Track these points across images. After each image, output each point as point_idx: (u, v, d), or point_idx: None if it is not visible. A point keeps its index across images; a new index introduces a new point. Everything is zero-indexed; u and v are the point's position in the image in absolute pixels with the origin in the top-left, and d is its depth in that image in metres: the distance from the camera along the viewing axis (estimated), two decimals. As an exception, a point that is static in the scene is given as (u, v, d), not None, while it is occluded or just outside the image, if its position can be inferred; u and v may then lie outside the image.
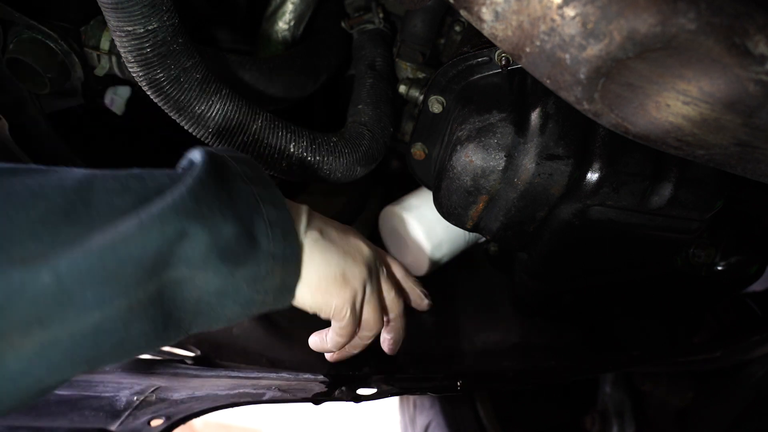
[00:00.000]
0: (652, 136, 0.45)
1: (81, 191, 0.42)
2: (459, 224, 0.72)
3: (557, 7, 0.41)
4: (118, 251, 0.40)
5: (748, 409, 1.11)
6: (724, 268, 0.80)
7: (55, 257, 0.38)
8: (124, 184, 0.45)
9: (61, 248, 0.39)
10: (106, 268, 0.40)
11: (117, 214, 0.42)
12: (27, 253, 0.38)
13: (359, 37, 0.90)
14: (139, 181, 0.46)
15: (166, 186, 0.46)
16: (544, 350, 0.94)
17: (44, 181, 0.42)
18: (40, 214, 0.39)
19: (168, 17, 0.55)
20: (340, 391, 0.75)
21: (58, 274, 0.38)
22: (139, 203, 0.43)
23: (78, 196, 0.42)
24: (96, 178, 0.44)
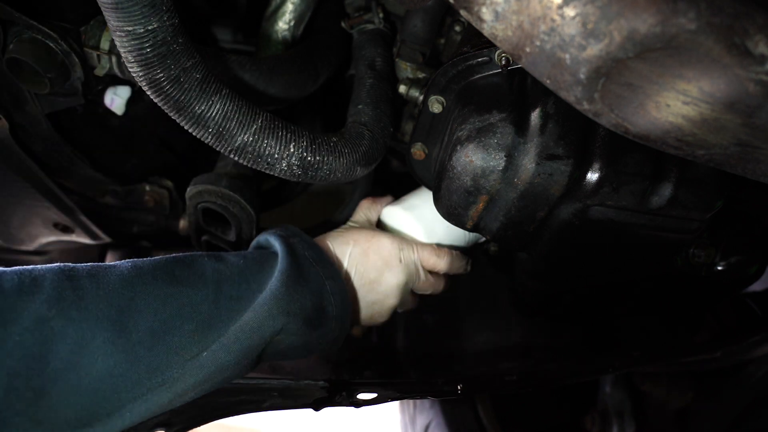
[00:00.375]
0: (652, 136, 0.45)
1: (215, 302, 0.61)
2: (459, 224, 0.72)
3: (557, 7, 0.41)
4: (245, 330, 0.62)
5: (748, 409, 1.11)
6: (724, 268, 0.80)
7: (211, 347, 0.60)
8: (239, 289, 0.63)
9: (213, 342, 0.60)
10: (241, 346, 0.62)
11: (239, 315, 0.62)
12: (192, 354, 0.58)
13: (359, 37, 0.90)
14: (248, 287, 0.64)
15: (264, 284, 0.65)
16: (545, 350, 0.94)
17: (193, 292, 0.60)
18: (195, 326, 0.59)
19: (168, 17, 0.55)
20: (341, 396, 0.75)
21: (213, 353, 0.60)
22: (249, 304, 0.63)
23: (214, 308, 0.61)
24: (221, 287, 0.62)
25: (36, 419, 0.50)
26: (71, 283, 0.54)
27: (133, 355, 0.54)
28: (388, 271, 0.78)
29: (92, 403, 0.52)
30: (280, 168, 0.66)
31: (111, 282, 0.56)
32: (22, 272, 0.53)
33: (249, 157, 0.64)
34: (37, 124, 0.79)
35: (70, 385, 0.51)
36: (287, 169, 0.66)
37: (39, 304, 0.51)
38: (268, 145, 0.64)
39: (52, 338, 0.50)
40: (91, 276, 0.55)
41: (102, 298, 0.54)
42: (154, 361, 0.56)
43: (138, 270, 0.59)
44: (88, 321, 0.52)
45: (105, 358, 0.53)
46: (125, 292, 0.56)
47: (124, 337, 0.54)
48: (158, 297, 0.58)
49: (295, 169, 0.67)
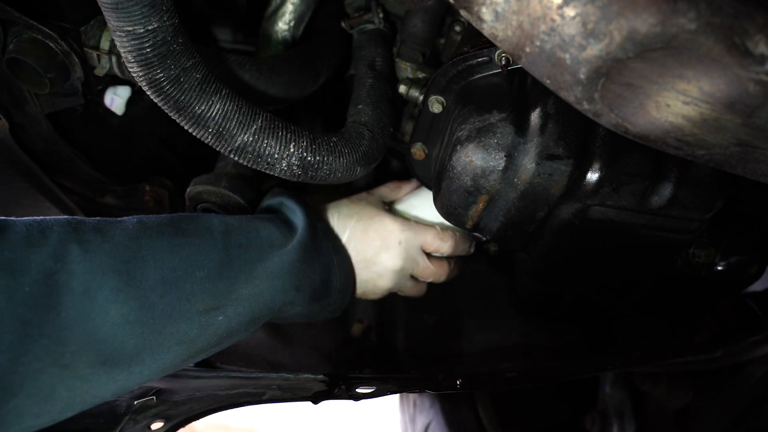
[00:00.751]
0: (652, 136, 0.45)
1: (224, 250, 0.63)
2: (459, 224, 0.72)
3: (557, 7, 0.41)
4: (259, 301, 0.64)
5: (748, 409, 1.11)
6: (724, 268, 0.80)
7: (224, 307, 0.61)
8: (248, 238, 0.66)
9: (225, 299, 0.61)
10: (253, 312, 0.64)
11: (250, 268, 0.64)
12: (205, 304, 0.60)
13: (359, 37, 0.90)
14: (257, 234, 0.67)
15: (278, 242, 0.68)
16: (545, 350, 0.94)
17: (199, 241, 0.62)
18: (206, 273, 0.60)
19: (168, 17, 0.55)
20: (340, 389, 0.75)
21: (228, 318, 0.62)
22: (262, 259, 0.65)
23: (224, 255, 0.62)
24: (229, 235, 0.64)
25: (61, 364, 0.52)
26: (77, 236, 0.55)
27: (146, 301, 0.56)
28: (385, 251, 0.78)
29: (112, 348, 0.54)
30: (280, 168, 0.66)
31: (116, 236, 0.57)
32: (31, 223, 0.54)
33: (249, 157, 0.64)
34: (37, 124, 0.79)
35: (86, 331, 0.53)
36: (287, 169, 0.66)
37: (45, 256, 0.53)
38: (268, 145, 0.64)
39: (58, 291, 0.52)
40: (96, 230, 0.57)
41: (106, 252, 0.56)
42: (168, 308, 0.57)
43: (143, 224, 0.60)
44: (92, 272, 0.54)
45: (117, 306, 0.54)
46: (130, 244, 0.57)
47: (133, 286, 0.56)
48: (164, 248, 0.59)
49: (295, 169, 0.67)
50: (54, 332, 0.52)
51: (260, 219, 0.69)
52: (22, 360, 0.50)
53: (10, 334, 0.49)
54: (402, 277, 0.81)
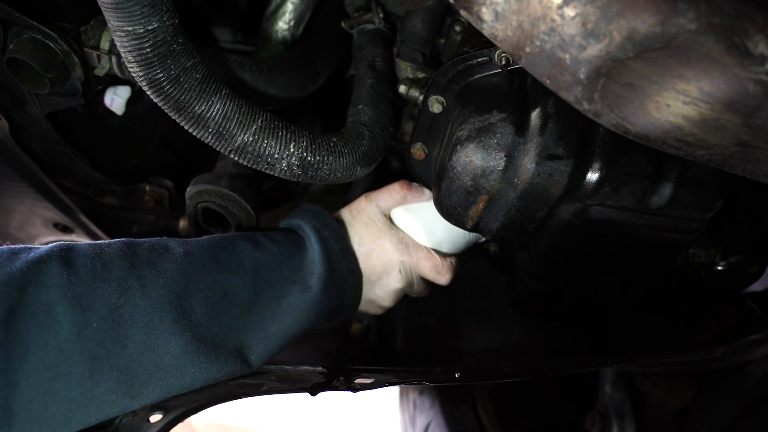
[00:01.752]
0: (652, 136, 0.45)
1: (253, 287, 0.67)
2: (459, 224, 0.72)
3: (557, 7, 0.41)
4: (286, 336, 0.69)
5: (748, 409, 1.11)
6: (724, 268, 0.80)
7: (256, 345, 0.66)
8: (273, 275, 0.69)
9: (256, 337, 0.66)
10: (280, 347, 0.70)
11: (276, 305, 0.68)
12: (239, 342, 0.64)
13: (359, 37, 0.90)
14: (280, 273, 0.70)
15: (298, 278, 0.72)
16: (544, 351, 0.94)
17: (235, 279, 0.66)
18: (239, 310, 0.65)
19: (168, 17, 0.55)
20: (338, 380, 0.75)
21: (260, 356, 0.67)
22: (285, 296, 0.70)
23: (253, 293, 0.67)
24: (258, 273, 0.68)
25: (130, 395, 0.56)
26: (134, 271, 0.59)
27: (198, 334, 0.60)
28: (386, 276, 0.82)
29: (173, 377, 0.58)
30: (280, 168, 0.66)
31: (168, 270, 0.61)
32: (93, 257, 0.58)
33: (249, 157, 0.64)
34: (37, 124, 0.79)
35: (153, 362, 0.57)
36: (287, 169, 0.66)
37: (110, 293, 0.56)
38: (268, 145, 0.64)
39: (124, 324, 0.55)
40: (150, 264, 0.61)
41: (161, 286, 0.59)
42: (215, 341, 0.62)
43: (189, 257, 0.64)
44: (152, 307, 0.58)
45: (176, 337, 0.58)
46: (180, 279, 0.61)
47: (186, 319, 0.60)
48: (207, 283, 0.63)
49: (295, 169, 0.67)
50: (123, 364, 0.55)
51: (282, 253, 0.72)
52: (94, 394, 0.53)
53: (81, 368, 0.52)
54: (399, 297, 0.86)
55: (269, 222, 1.22)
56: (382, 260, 0.81)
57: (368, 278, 0.81)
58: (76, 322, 0.52)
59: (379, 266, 0.81)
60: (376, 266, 0.81)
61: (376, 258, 0.81)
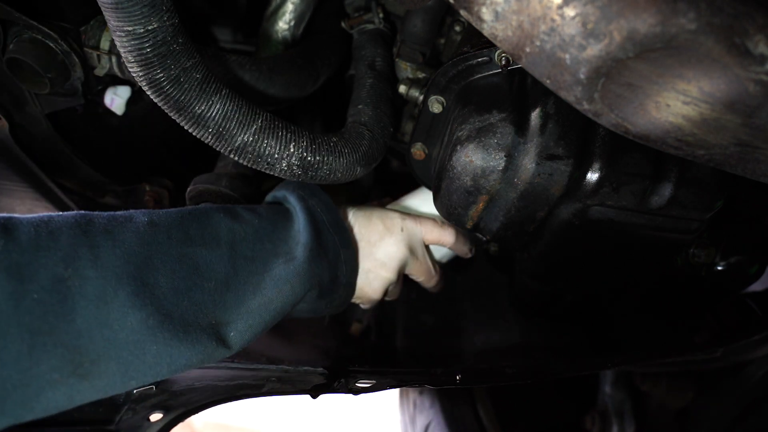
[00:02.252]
0: (652, 136, 0.45)
1: (230, 262, 0.61)
2: (459, 224, 0.72)
3: (557, 7, 0.41)
4: (270, 309, 0.63)
5: (748, 409, 1.11)
6: (724, 268, 0.80)
7: (235, 322, 0.60)
8: (253, 249, 0.64)
9: (235, 313, 0.60)
10: (264, 322, 0.63)
11: (257, 278, 0.63)
12: (215, 319, 0.58)
13: (359, 37, 0.90)
14: (262, 246, 0.65)
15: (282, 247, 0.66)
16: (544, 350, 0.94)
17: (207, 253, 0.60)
18: (213, 285, 0.59)
19: (168, 17, 0.55)
20: (339, 382, 0.75)
21: (240, 333, 0.61)
22: (268, 269, 0.64)
23: (230, 267, 0.61)
24: (235, 247, 0.62)
25: (78, 374, 0.50)
26: (87, 240, 0.53)
27: (162, 308, 0.54)
28: (389, 236, 0.78)
29: (132, 355, 0.52)
30: (280, 168, 0.66)
31: (127, 240, 0.55)
32: (39, 224, 0.51)
33: (249, 157, 0.64)
34: (37, 124, 0.79)
35: (105, 338, 0.51)
36: (287, 169, 0.66)
37: (55, 261, 0.50)
38: (268, 145, 0.64)
39: (72, 297, 0.50)
40: (107, 233, 0.54)
41: (118, 257, 0.53)
42: (184, 317, 0.56)
43: (153, 227, 0.58)
44: (106, 278, 0.52)
45: (134, 311, 0.52)
46: (141, 250, 0.55)
47: (147, 292, 0.54)
48: (174, 257, 0.57)
49: (295, 169, 0.66)
50: (70, 341, 0.49)
51: (264, 226, 0.67)
52: (34, 372, 0.47)
53: (18, 345, 0.47)
54: (401, 267, 0.80)
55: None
56: (383, 220, 0.78)
57: (368, 240, 0.77)
58: (13, 293, 0.47)
59: (380, 225, 0.78)
60: (378, 226, 0.78)
61: (377, 218, 0.78)
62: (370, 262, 0.77)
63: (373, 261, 0.77)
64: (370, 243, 0.77)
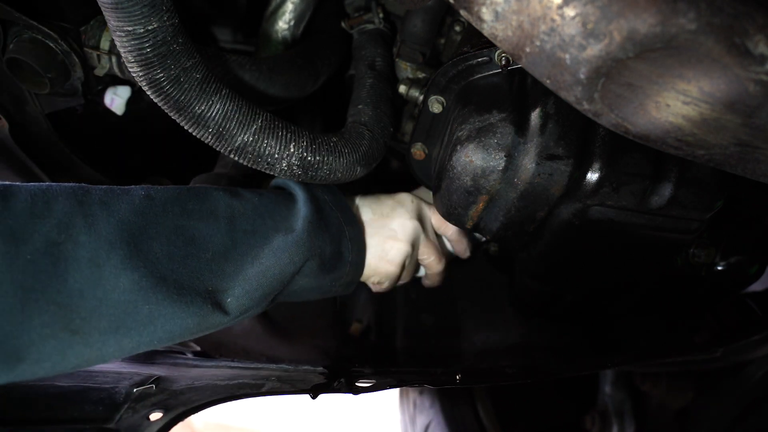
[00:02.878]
0: (652, 136, 0.45)
1: (229, 234, 0.62)
2: (459, 224, 0.72)
3: (557, 7, 0.41)
4: (268, 276, 0.63)
5: (748, 409, 1.11)
6: (724, 268, 0.80)
7: (232, 288, 0.61)
8: (253, 224, 0.64)
9: (232, 280, 0.61)
10: (262, 288, 0.63)
11: (256, 250, 0.63)
12: (212, 286, 0.59)
13: (359, 37, 0.90)
14: (263, 222, 0.65)
15: (282, 223, 0.67)
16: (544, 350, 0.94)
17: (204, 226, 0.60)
18: (210, 255, 0.59)
19: (168, 17, 0.55)
20: (339, 382, 0.75)
21: (237, 298, 0.61)
22: (268, 242, 0.64)
23: (228, 240, 0.61)
24: (234, 221, 0.63)
25: (70, 329, 0.51)
26: (81, 209, 0.54)
27: (156, 272, 0.55)
28: (400, 207, 0.79)
29: (124, 313, 0.53)
30: (280, 168, 0.66)
31: (121, 210, 0.56)
32: (36, 193, 0.53)
33: (249, 157, 0.64)
34: (37, 124, 0.79)
35: (97, 297, 0.52)
36: (287, 169, 0.66)
37: (49, 228, 0.51)
38: (268, 145, 0.64)
39: (65, 260, 0.51)
40: (102, 203, 0.56)
41: (113, 225, 0.55)
42: (179, 281, 0.56)
43: (150, 200, 0.59)
44: (99, 242, 0.53)
45: (128, 272, 0.53)
46: (136, 219, 0.56)
47: (141, 256, 0.55)
48: (170, 228, 0.58)
49: (295, 169, 0.67)
50: (62, 299, 0.51)
51: (264, 203, 0.67)
52: (26, 326, 0.49)
53: (10, 299, 0.48)
54: (415, 238, 0.80)
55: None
56: (392, 197, 0.80)
57: (381, 213, 0.79)
58: (7, 254, 0.49)
59: (390, 200, 0.80)
60: (388, 201, 0.80)
61: (386, 197, 0.80)
62: (384, 233, 0.78)
63: (387, 231, 0.78)
64: (383, 216, 0.78)
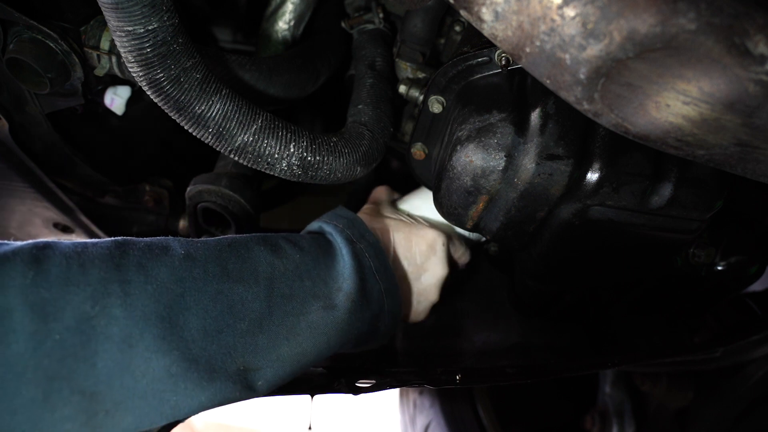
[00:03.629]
0: (652, 136, 0.45)
1: (267, 300, 0.57)
2: (459, 224, 0.72)
3: (557, 8, 0.41)
4: (300, 362, 0.59)
5: (748, 409, 1.11)
6: (724, 268, 0.80)
7: (264, 369, 0.56)
8: (292, 287, 0.59)
9: (265, 359, 0.56)
10: (293, 372, 0.59)
11: (292, 322, 0.58)
12: (245, 362, 0.54)
13: (359, 37, 0.90)
14: (301, 284, 0.60)
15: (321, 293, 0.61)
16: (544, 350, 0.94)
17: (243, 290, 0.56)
18: (246, 326, 0.55)
19: (168, 17, 0.55)
20: (339, 382, 0.75)
21: (267, 382, 0.56)
22: (305, 312, 0.59)
23: (266, 306, 0.57)
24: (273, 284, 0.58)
25: (92, 425, 0.46)
26: (119, 275, 0.49)
27: (188, 353, 0.50)
28: (434, 256, 0.75)
29: (149, 406, 0.48)
30: (280, 168, 0.66)
31: (160, 275, 0.51)
32: (71, 255, 0.48)
33: (249, 157, 0.64)
34: (37, 124, 0.79)
35: (125, 386, 0.47)
36: (287, 169, 0.66)
37: (83, 299, 0.46)
38: (268, 145, 0.64)
39: (95, 338, 0.46)
40: (140, 267, 0.51)
41: (150, 295, 0.50)
42: (211, 362, 0.51)
43: (190, 261, 0.54)
44: (134, 318, 0.48)
45: (159, 356, 0.48)
46: (174, 287, 0.52)
47: (176, 335, 0.50)
48: (209, 294, 0.53)
49: (295, 169, 0.67)
50: (88, 387, 0.45)
51: (305, 262, 0.62)
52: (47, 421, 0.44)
53: (33, 391, 0.43)
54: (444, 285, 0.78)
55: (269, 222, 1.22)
56: (425, 240, 0.74)
57: (415, 263, 0.74)
58: (36, 333, 0.43)
59: (423, 246, 0.74)
60: (421, 247, 0.74)
61: (417, 238, 0.74)
62: (419, 285, 0.75)
63: (419, 285, 0.75)
64: (417, 265, 0.74)
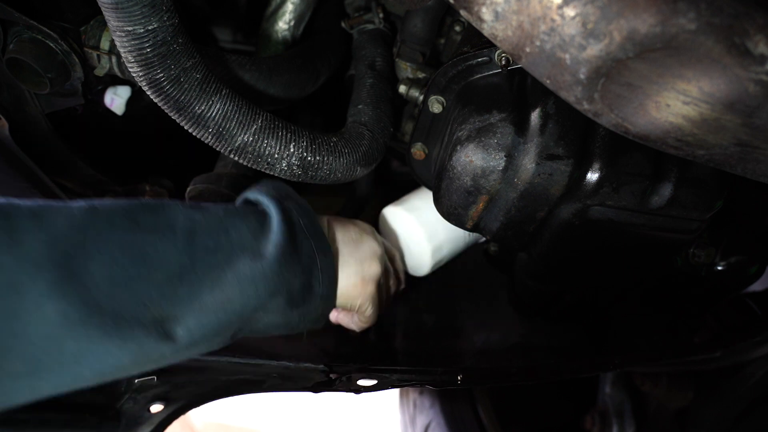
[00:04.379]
0: (652, 136, 0.45)
1: (187, 251, 0.53)
2: (459, 224, 0.72)
3: (557, 7, 0.41)
4: (227, 310, 0.55)
5: (748, 409, 1.11)
6: (724, 268, 0.80)
7: (184, 316, 0.52)
8: (216, 240, 0.56)
9: (186, 307, 0.52)
10: (219, 321, 0.55)
11: (217, 273, 0.54)
12: (161, 313, 0.51)
13: (359, 37, 0.90)
14: (227, 237, 0.57)
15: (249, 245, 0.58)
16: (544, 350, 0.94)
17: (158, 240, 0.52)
18: (164, 276, 0.51)
19: (168, 17, 0.55)
20: (341, 381, 0.75)
21: (189, 330, 0.53)
22: (231, 263, 0.56)
23: (186, 257, 0.53)
24: (194, 236, 0.55)
25: None
26: (8, 223, 0.46)
27: (91, 300, 0.47)
28: (366, 236, 0.74)
29: (43, 352, 0.46)
30: (280, 168, 0.66)
31: (56, 223, 0.48)
32: None
33: (249, 157, 0.64)
34: (37, 124, 0.79)
35: (12, 332, 0.44)
36: (287, 169, 0.66)
37: None
38: (268, 145, 0.64)
39: None
40: (33, 215, 0.48)
41: (42, 240, 0.47)
42: (119, 311, 0.48)
43: (93, 212, 0.51)
44: (22, 265, 0.45)
45: (54, 301, 0.45)
46: (73, 234, 0.48)
47: (74, 281, 0.47)
48: (115, 243, 0.50)
49: (295, 169, 0.67)
50: None
51: (231, 217, 0.59)
52: None
53: None
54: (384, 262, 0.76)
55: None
56: (355, 223, 0.74)
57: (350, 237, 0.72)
58: None
59: (357, 228, 0.74)
60: (354, 229, 0.73)
61: (350, 222, 0.74)
62: (358, 255, 0.72)
63: (361, 254, 0.72)
64: (352, 239, 0.72)
